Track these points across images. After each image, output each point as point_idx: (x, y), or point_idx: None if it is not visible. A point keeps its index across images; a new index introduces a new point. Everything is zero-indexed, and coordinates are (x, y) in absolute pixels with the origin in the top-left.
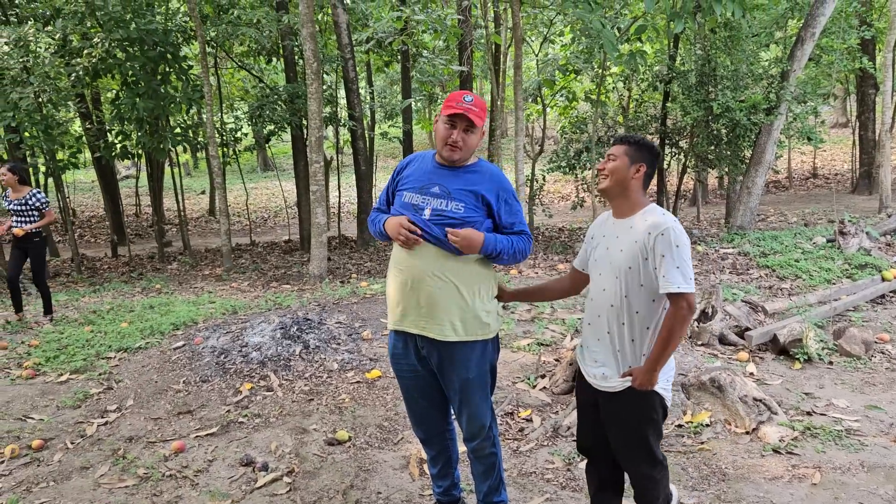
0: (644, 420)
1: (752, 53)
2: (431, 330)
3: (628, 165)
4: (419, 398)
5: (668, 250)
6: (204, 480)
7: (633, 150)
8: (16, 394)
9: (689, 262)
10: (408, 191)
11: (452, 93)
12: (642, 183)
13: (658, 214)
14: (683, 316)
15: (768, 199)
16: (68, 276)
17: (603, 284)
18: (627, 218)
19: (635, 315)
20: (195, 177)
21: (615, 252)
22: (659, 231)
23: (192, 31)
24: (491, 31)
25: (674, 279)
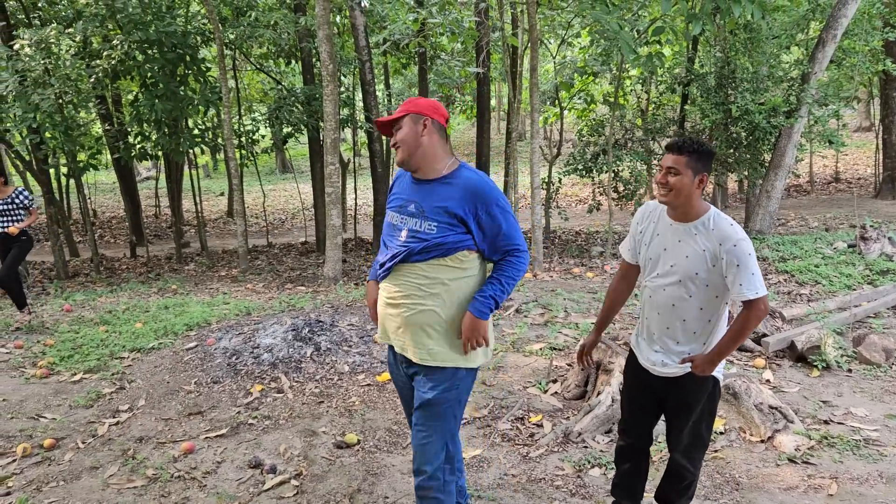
0: (699, 402)
1: (772, 55)
2: (408, 351)
3: (692, 178)
4: (408, 410)
5: (743, 260)
6: (212, 482)
7: (694, 159)
8: (30, 392)
9: (758, 268)
10: (391, 209)
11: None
12: (702, 191)
13: (726, 224)
14: (759, 317)
15: (789, 203)
16: (87, 276)
17: (663, 284)
18: (689, 223)
19: (698, 311)
20: (215, 178)
21: (679, 257)
22: (731, 243)
23: (210, 34)
24: (508, 34)
25: (751, 286)
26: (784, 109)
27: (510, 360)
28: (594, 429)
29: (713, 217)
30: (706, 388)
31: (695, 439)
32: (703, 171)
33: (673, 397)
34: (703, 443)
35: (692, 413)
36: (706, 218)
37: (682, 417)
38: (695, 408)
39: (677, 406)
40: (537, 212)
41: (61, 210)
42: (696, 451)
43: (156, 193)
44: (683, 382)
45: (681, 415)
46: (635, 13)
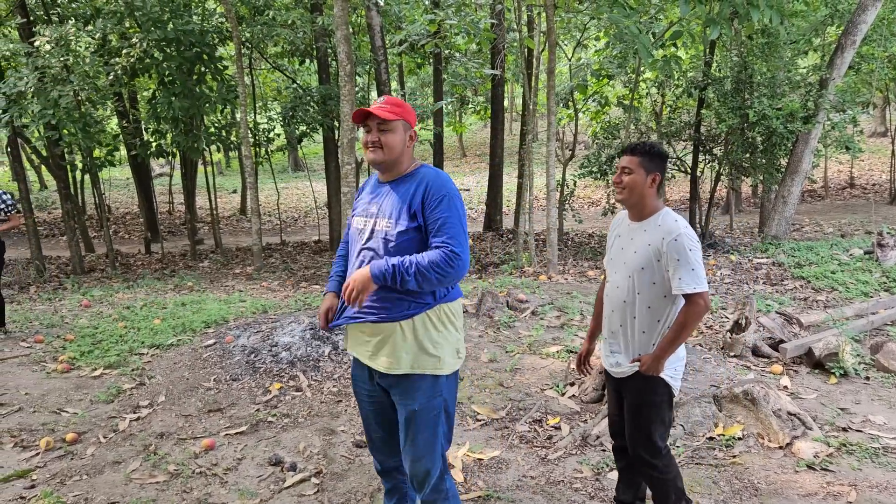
0: (646, 403)
1: (789, 60)
2: (377, 362)
3: (644, 177)
4: (376, 426)
5: (682, 254)
6: (233, 478)
7: (646, 160)
8: (51, 387)
9: (701, 264)
10: (356, 215)
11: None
12: (656, 190)
13: (671, 220)
14: (699, 312)
15: (803, 209)
16: (103, 272)
17: (617, 282)
18: (642, 221)
19: (647, 310)
20: (227, 176)
21: (629, 253)
22: (672, 237)
23: (227, 32)
24: (524, 36)
25: (690, 280)
26: (802, 115)
27: (527, 363)
28: None
29: (663, 214)
30: (656, 392)
31: (647, 444)
32: (656, 171)
33: (627, 398)
34: (657, 449)
35: (641, 416)
36: (656, 215)
37: (632, 419)
38: (644, 411)
39: (629, 407)
40: (552, 214)
41: (77, 206)
42: (653, 457)
43: (169, 190)
44: (634, 384)
45: (632, 416)
46: (652, 16)
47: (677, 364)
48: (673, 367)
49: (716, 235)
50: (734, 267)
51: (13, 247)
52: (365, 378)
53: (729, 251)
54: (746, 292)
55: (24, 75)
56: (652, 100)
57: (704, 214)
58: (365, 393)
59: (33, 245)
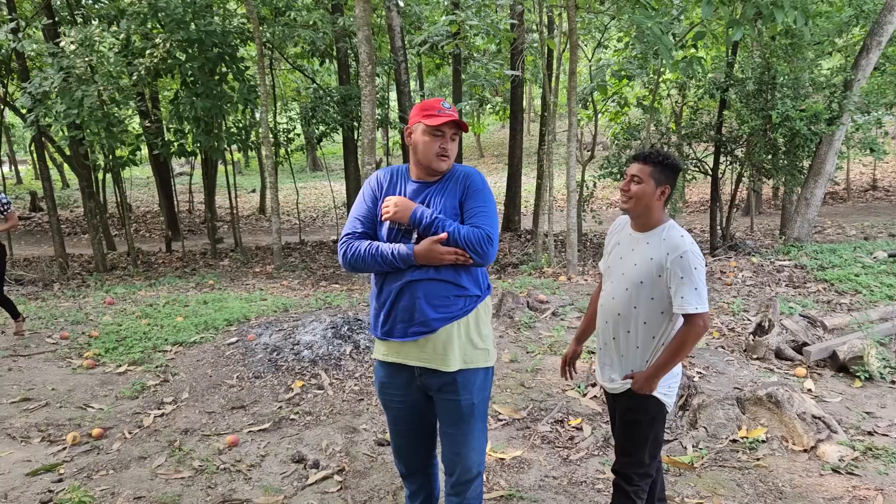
0: (637, 421)
1: (813, 61)
2: (433, 361)
3: (654, 188)
4: (407, 431)
5: (687, 272)
6: (257, 475)
7: (657, 171)
8: (77, 383)
9: (704, 283)
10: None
11: (426, 102)
12: (664, 203)
13: (677, 236)
14: (698, 333)
15: (825, 211)
16: (124, 270)
17: (612, 293)
18: (645, 233)
19: (642, 325)
20: (246, 175)
21: (628, 264)
22: (678, 254)
23: (249, 33)
24: (545, 37)
25: (692, 300)
26: (826, 116)
27: (548, 363)
28: None
29: (667, 228)
30: (647, 410)
31: (634, 461)
32: (666, 184)
33: (618, 413)
34: (646, 471)
35: (631, 433)
36: (660, 228)
37: (622, 435)
38: (635, 429)
39: (620, 423)
40: (572, 215)
41: (99, 204)
42: (637, 478)
43: (190, 189)
44: (625, 400)
45: (622, 432)
46: (674, 17)
47: (672, 381)
48: (667, 385)
49: (737, 237)
50: (756, 269)
51: (36, 244)
52: (400, 384)
53: (750, 253)
54: (769, 294)
55: (49, 75)
56: (672, 101)
57: (725, 216)
58: (398, 398)
59: (56, 243)
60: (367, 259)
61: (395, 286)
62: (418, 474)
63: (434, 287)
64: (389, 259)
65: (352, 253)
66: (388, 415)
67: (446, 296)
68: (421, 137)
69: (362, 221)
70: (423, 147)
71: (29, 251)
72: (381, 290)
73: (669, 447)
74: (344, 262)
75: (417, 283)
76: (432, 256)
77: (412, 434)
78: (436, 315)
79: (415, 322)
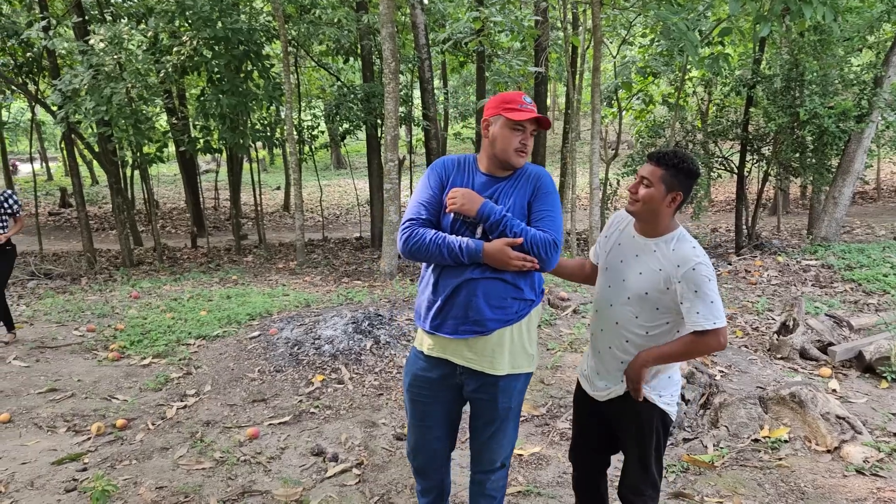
0: (646, 433)
1: (842, 58)
2: (480, 363)
3: (664, 194)
4: (433, 426)
5: (701, 286)
6: (276, 467)
7: (670, 175)
8: (102, 374)
9: (719, 296)
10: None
11: (507, 94)
12: (674, 210)
13: (688, 247)
14: (714, 348)
15: (854, 211)
16: (150, 265)
17: (610, 299)
18: (652, 239)
19: (644, 335)
20: (270, 172)
21: (632, 273)
22: (690, 266)
23: (274, 31)
24: (569, 33)
25: (709, 314)
26: (855, 114)
27: (568, 360)
28: None
29: (678, 237)
30: (652, 420)
31: (642, 473)
32: (679, 190)
33: (620, 424)
34: (652, 480)
35: (639, 444)
36: (670, 237)
37: (628, 447)
38: (644, 440)
39: (627, 435)
40: (595, 213)
41: (126, 200)
42: (645, 488)
43: (215, 186)
44: (626, 408)
45: (626, 444)
46: (700, 13)
47: (672, 390)
48: (669, 393)
49: (763, 236)
50: (781, 268)
51: (65, 239)
52: (436, 379)
53: (776, 252)
54: (795, 294)
55: (78, 73)
56: (698, 98)
57: (751, 215)
58: (430, 393)
59: (85, 238)
60: (432, 249)
61: (454, 282)
62: (434, 471)
63: (494, 287)
64: (456, 252)
65: (415, 240)
66: (415, 409)
67: (504, 297)
68: (501, 131)
69: (427, 207)
70: (503, 141)
71: (58, 246)
72: (437, 284)
73: (690, 445)
74: (404, 248)
75: (478, 281)
76: (501, 258)
77: (437, 430)
78: (492, 316)
79: (469, 320)
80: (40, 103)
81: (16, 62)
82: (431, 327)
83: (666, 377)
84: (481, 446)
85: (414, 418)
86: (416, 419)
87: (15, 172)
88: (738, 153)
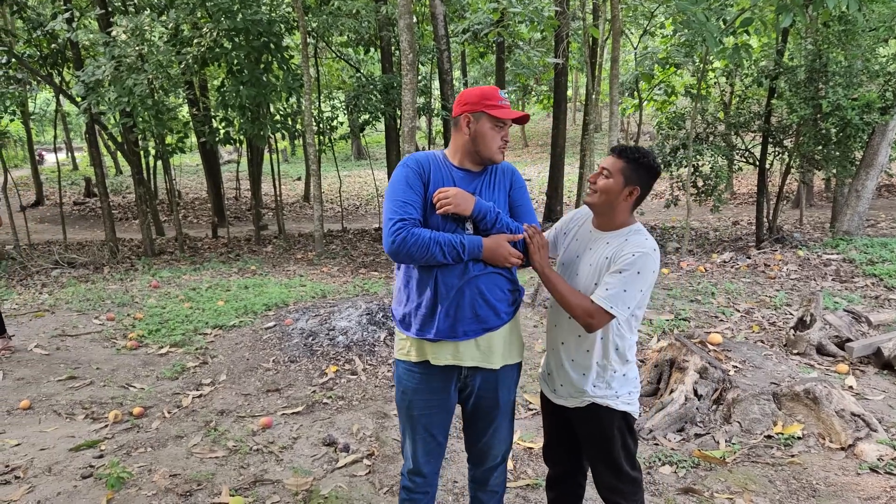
0: (605, 437)
1: (868, 49)
2: (489, 360)
3: (621, 186)
4: (438, 434)
5: (628, 269)
6: (288, 457)
7: (629, 168)
8: (120, 363)
9: (637, 294)
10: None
11: (485, 89)
12: (632, 205)
13: (641, 238)
14: (585, 323)
15: (879, 204)
16: (171, 254)
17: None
18: (607, 232)
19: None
20: (291, 163)
21: (584, 266)
22: (631, 251)
23: (294, 22)
24: (589, 24)
25: (614, 298)
26: (879, 105)
27: None
28: (665, 426)
29: (634, 230)
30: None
31: (615, 475)
32: (636, 185)
33: (581, 431)
34: (627, 477)
35: (602, 449)
36: (626, 230)
37: (595, 453)
38: (605, 444)
39: (588, 440)
40: None
41: (149, 190)
42: (623, 486)
43: (237, 176)
44: (585, 416)
45: (593, 450)
46: (722, 3)
47: (630, 387)
48: (627, 391)
49: (784, 230)
50: (802, 262)
51: (89, 229)
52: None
53: (797, 246)
54: (813, 289)
55: (101, 64)
56: (720, 89)
57: (773, 208)
58: (435, 404)
59: (107, 227)
60: (432, 249)
61: (457, 283)
62: (433, 477)
63: (495, 281)
64: (458, 250)
65: (413, 241)
66: (417, 424)
67: (504, 290)
68: (484, 128)
69: (415, 207)
70: (487, 139)
71: (82, 235)
72: (438, 287)
73: (701, 441)
74: (400, 249)
75: (479, 278)
76: (500, 253)
77: (441, 434)
78: (499, 311)
79: (477, 319)
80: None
81: (41, 53)
82: (437, 334)
83: (621, 375)
84: (484, 445)
85: (416, 433)
86: (417, 432)
87: (41, 162)
88: (759, 145)
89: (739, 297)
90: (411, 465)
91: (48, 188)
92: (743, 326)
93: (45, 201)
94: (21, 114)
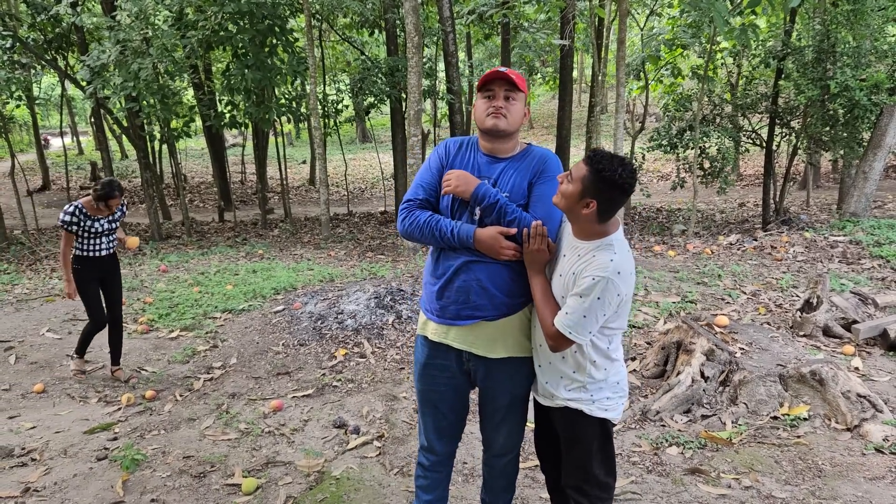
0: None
1: (877, 28)
2: (479, 347)
3: (577, 196)
4: (448, 412)
5: (588, 294)
6: (299, 439)
7: (589, 177)
8: (132, 346)
9: (599, 320)
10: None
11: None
12: (596, 218)
13: (606, 259)
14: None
15: (886, 185)
16: (179, 239)
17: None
18: (581, 242)
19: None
20: (297, 146)
21: (555, 276)
22: (592, 274)
23: (298, 4)
24: (595, 4)
25: (573, 325)
26: (887, 86)
27: None
28: (672, 408)
29: (604, 245)
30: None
31: (582, 475)
32: (592, 198)
33: (558, 429)
34: (596, 480)
35: (575, 452)
36: (598, 244)
37: (567, 453)
38: (578, 448)
39: (562, 440)
40: None
41: (155, 175)
42: (590, 489)
43: (242, 160)
44: (562, 418)
45: (566, 450)
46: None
47: (609, 392)
48: (605, 396)
49: (791, 212)
50: (808, 244)
51: None
52: (447, 365)
53: (804, 228)
54: (820, 271)
55: (106, 48)
56: (727, 70)
57: (779, 190)
58: (444, 381)
59: None
60: (426, 231)
61: (452, 264)
62: (448, 457)
63: (498, 271)
64: (448, 237)
65: (410, 221)
66: (428, 399)
67: (507, 281)
68: (478, 102)
69: (425, 189)
70: (477, 110)
71: None
72: (437, 265)
73: (708, 422)
74: (402, 229)
75: (478, 264)
76: (492, 247)
77: (453, 414)
78: (497, 301)
79: (470, 305)
80: (70, 78)
81: (45, 38)
82: (433, 312)
83: (600, 380)
84: (492, 432)
85: (427, 410)
86: (428, 408)
87: (47, 147)
88: (766, 126)
89: (746, 279)
90: (424, 440)
91: (54, 173)
92: (749, 308)
93: (52, 186)
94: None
